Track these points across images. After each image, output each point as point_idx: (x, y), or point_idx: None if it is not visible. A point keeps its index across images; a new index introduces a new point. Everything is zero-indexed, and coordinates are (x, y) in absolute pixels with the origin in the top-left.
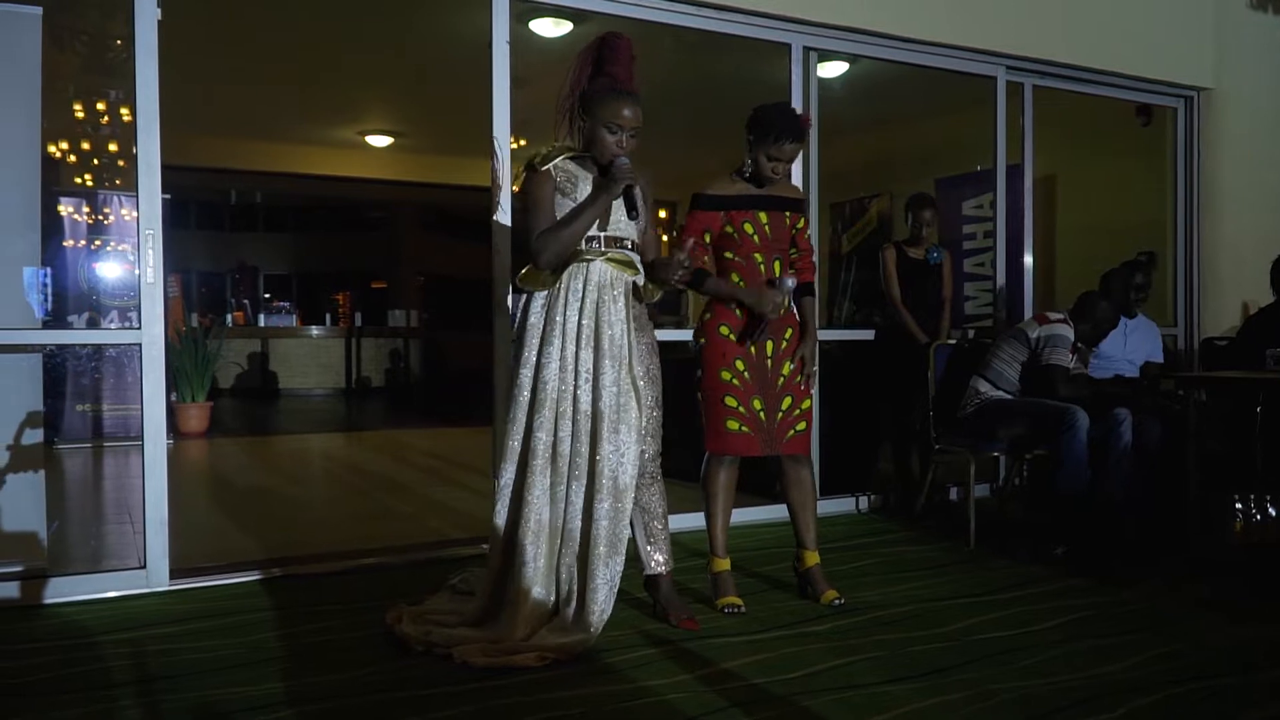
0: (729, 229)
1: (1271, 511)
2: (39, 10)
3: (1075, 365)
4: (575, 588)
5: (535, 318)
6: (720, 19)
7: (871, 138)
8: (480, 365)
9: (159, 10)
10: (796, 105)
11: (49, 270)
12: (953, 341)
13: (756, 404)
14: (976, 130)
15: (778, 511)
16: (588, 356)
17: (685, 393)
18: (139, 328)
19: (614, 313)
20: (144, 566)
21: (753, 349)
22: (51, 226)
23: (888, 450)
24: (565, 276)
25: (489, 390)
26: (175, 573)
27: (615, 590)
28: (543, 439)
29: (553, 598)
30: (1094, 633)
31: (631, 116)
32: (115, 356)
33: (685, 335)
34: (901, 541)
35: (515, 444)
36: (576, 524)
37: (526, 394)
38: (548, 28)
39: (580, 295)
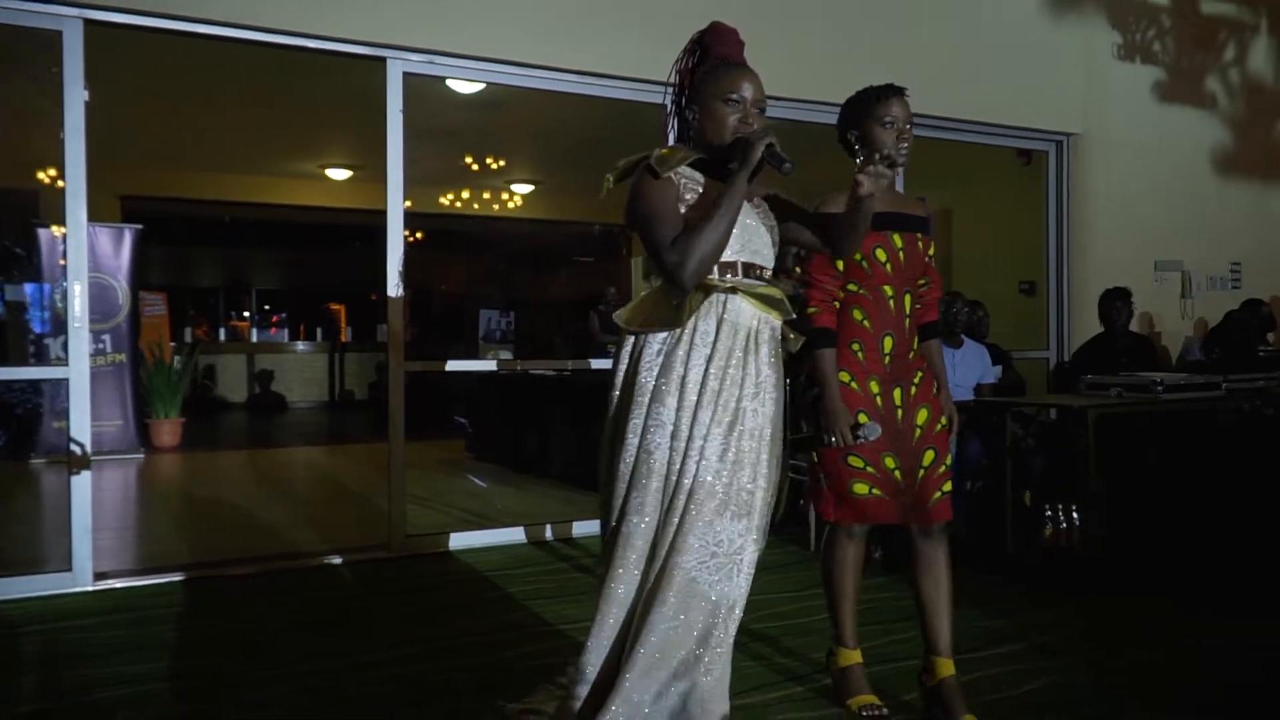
0: (858, 256)
1: (1076, 519)
2: None
3: None
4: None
5: (648, 371)
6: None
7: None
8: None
9: (86, 93)
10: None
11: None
12: None
13: (890, 463)
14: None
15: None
16: (706, 418)
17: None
18: (68, 364)
19: (756, 366)
20: (70, 569)
21: (879, 400)
22: (33, 256)
23: None
24: (691, 316)
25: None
26: (99, 575)
27: None
28: (639, 525)
29: None
30: (888, 618)
31: (754, 89)
32: (91, 378)
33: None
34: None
35: (612, 533)
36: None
37: (629, 469)
38: (464, 85)
39: (711, 340)
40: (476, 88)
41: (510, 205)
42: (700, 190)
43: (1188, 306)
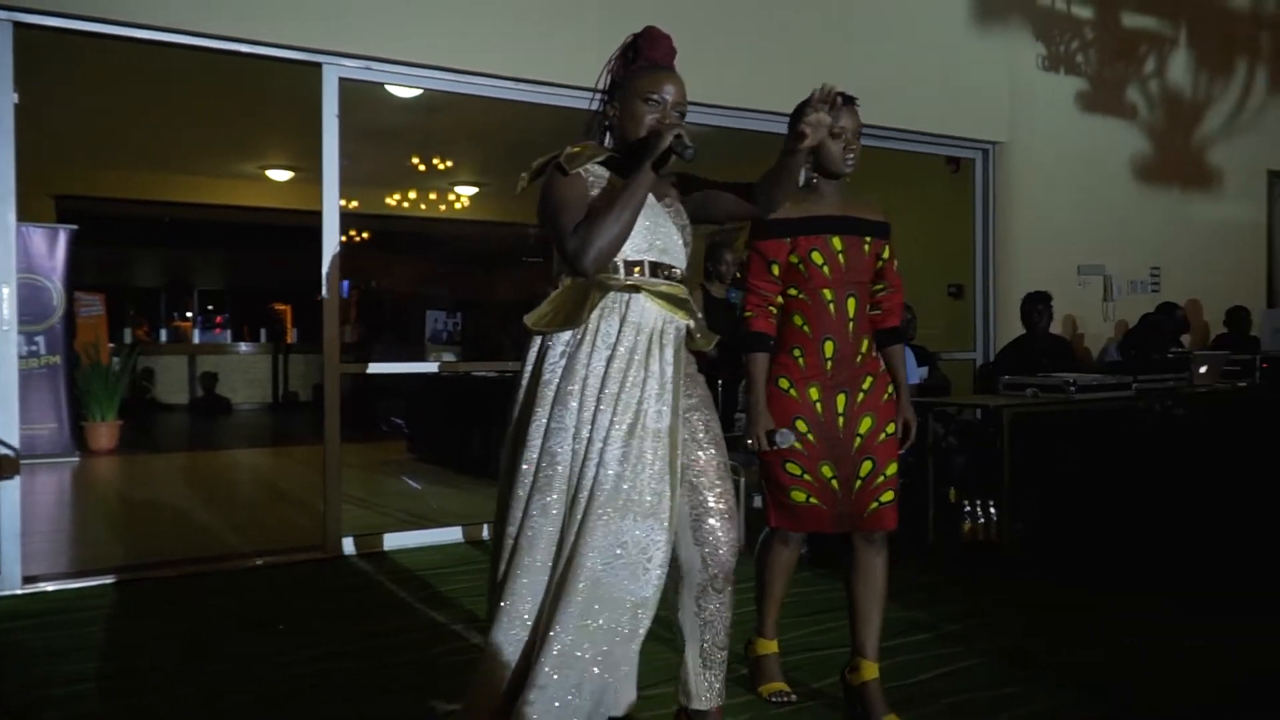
0: (794, 259)
1: (994, 514)
2: None
3: None
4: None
5: (551, 372)
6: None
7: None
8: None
9: (15, 95)
10: None
11: None
12: None
13: (826, 471)
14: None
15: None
16: (606, 421)
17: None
18: None
19: (660, 367)
20: None
21: (819, 406)
22: None
23: None
24: (594, 315)
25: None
26: (28, 578)
27: None
28: (544, 527)
29: None
30: (811, 611)
31: (676, 91)
32: (23, 380)
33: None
34: None
35: (510, 535)
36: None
37: (530, 471)
38: (401, 90)
39: (613, 341)
40: (415, 93)
41: (458, 206)
42: (606, 186)
43: (1109, 309)
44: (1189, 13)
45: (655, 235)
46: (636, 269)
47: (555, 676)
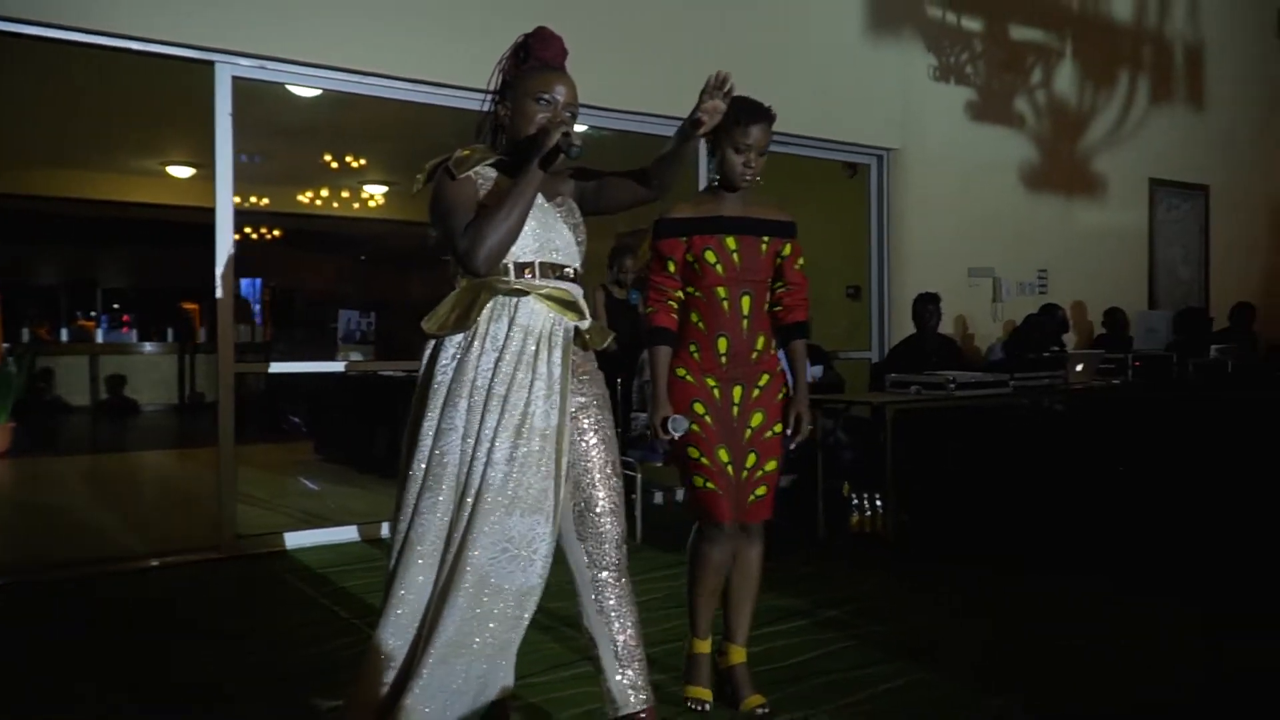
0: (689, 258)
1: (880, 506)
2: None
3: None
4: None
5: (443, 374)
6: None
7: None
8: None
9: None
10: None
11: None
12: None
13: (723, 455)
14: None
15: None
16: (493, 421)
17: None
18: None
19: (548, 367)
20: None
21: (716, 393)
22: None
23: None
24: (483, 318)
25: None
26: None
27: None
28: (432, 523)
29: None
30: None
31: (567, 92)
32: None
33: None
34: None
35: (400, 533)
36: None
37: (421, 471)
38: (301, 90)
39: (500, 343)
40: (314, 92)
41: (371, 205)
42: (493, 187)
43: (998, 310)
44: (1075, 27)
45: (546, 236)
46: (527, 270)
47: (442, 667)
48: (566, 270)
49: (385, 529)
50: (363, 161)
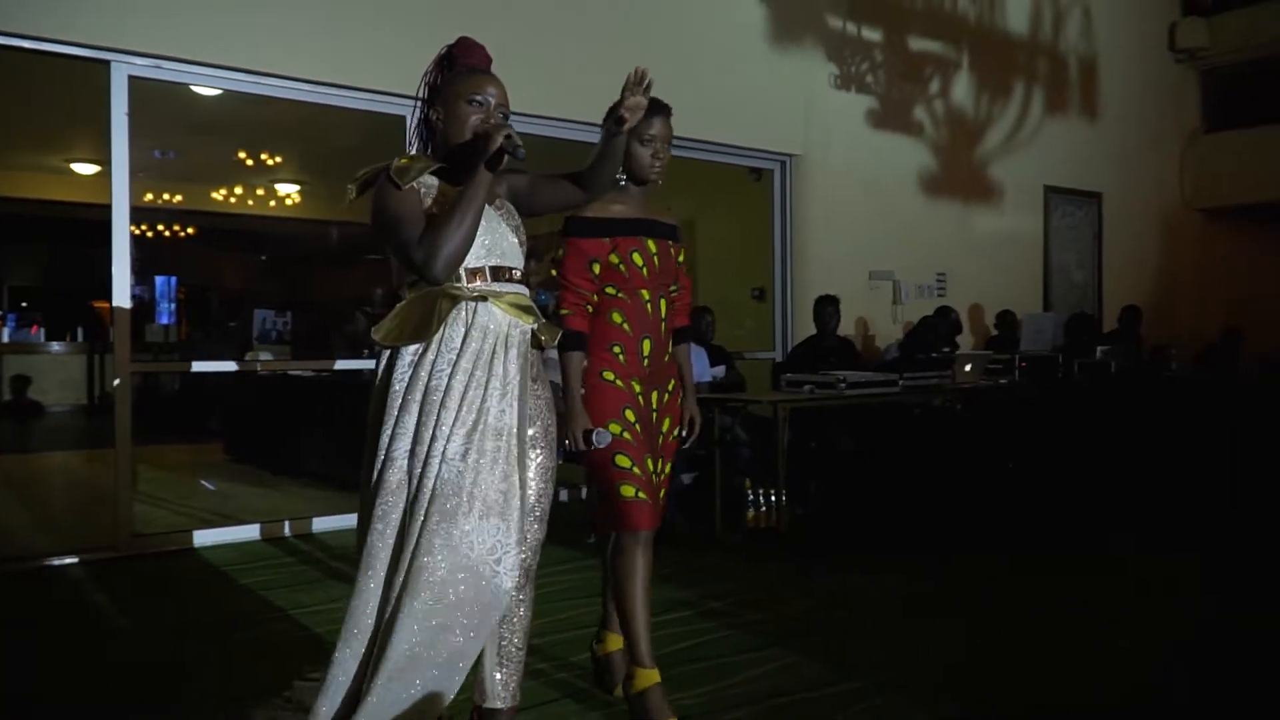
0: (614, 259)
1: (774, 501)
2: None
3: None
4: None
5: (399, 382)
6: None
7: None
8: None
9: None
10: None
11: None
12: None
13: (650, 464)
14: None
15: None
16: (449, 419)
17: None
18: None
19: (504, 367)
20: None
21: (640, 399)
22: None
23: None
24: (441, 326)
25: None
26: None
27: None
28: (384, 532)
29: None
30: (584, 593)
31: (498, 93)
32: None
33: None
34: None
35: (360, 545)
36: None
37: (376, 477)
38: (204, 90)
39: (457, 347)
40: (215, 92)
41: (288, 203)
42: (437, 195)
43: (898, 312)
44: (971, 38)
45: (492, 239)
46: (478, 276)
47: (394, 683)
48: (514, 272)
49: (287, 527)
50: (278, 160)
